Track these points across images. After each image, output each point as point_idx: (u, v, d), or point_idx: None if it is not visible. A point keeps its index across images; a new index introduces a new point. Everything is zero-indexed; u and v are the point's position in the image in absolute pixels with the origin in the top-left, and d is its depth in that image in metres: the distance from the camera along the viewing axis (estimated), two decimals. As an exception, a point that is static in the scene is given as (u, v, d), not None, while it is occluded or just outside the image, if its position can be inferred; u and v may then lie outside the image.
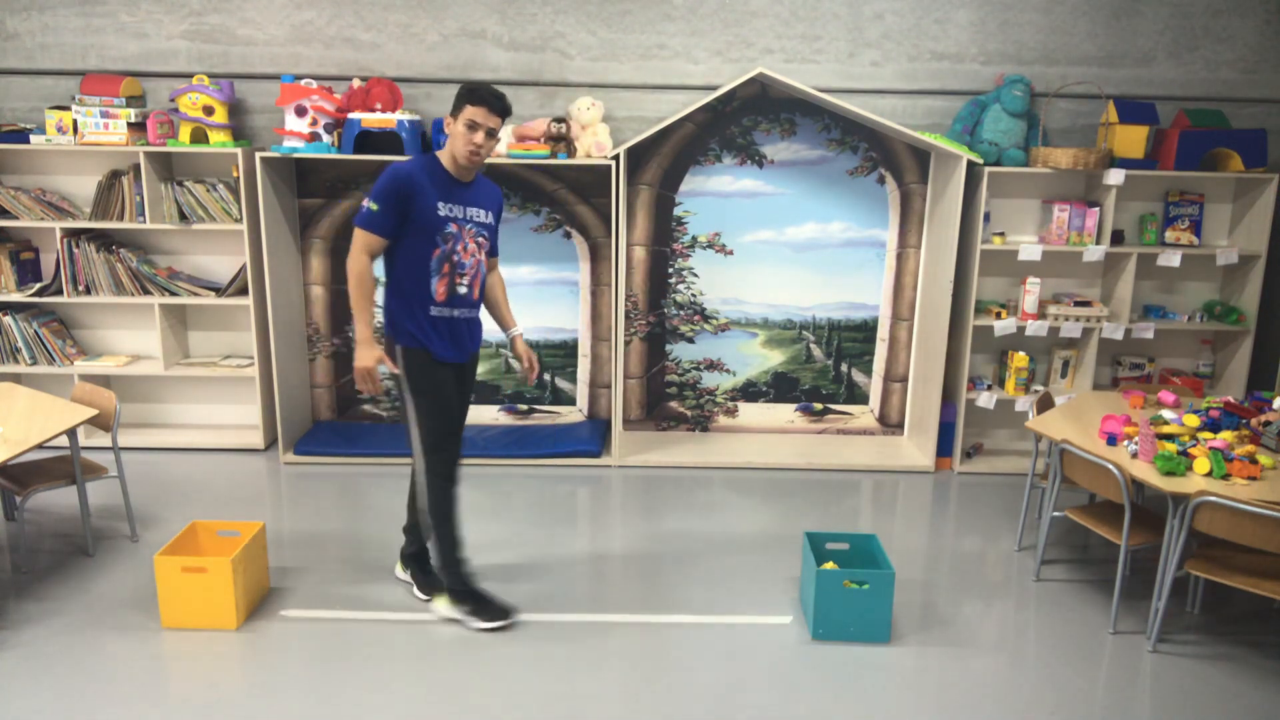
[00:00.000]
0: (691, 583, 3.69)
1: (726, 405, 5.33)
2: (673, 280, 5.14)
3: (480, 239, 3.23)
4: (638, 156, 4.94)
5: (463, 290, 3.21)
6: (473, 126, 3.06)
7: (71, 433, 3.68)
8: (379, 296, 4.44)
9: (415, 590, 3.55)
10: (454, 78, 4.87)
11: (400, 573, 3.67)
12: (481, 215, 3.23)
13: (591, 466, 4.91)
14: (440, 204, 3.11)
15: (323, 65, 4.85)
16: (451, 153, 3.13)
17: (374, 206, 3.05)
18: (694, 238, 5.08)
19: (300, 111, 4.48)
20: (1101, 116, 4.85)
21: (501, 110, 3.09)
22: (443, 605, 3.41)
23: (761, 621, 3.41)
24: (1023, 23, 4.83)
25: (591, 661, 3.15)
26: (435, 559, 3.36)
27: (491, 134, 3.09)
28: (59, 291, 4.87)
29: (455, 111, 3.10)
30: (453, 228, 3.13)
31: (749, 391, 5.31)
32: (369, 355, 3.13)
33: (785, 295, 5.17)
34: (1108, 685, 3.08)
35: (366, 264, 3.11)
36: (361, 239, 3.09)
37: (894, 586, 3.35)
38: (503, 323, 3.51)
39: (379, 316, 4.53)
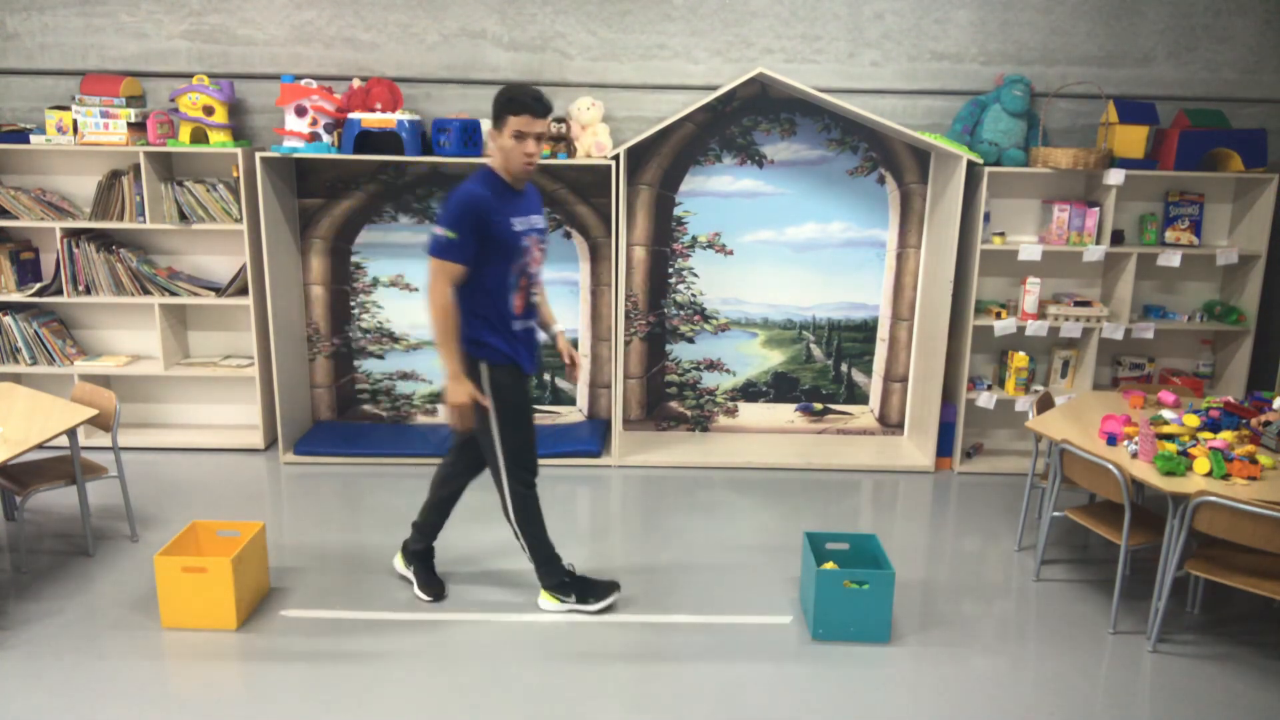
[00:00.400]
0: (691, 583, 3.69)
1: (726, 405, 5.33)
2: (673, 280, 5.13)
3: (542, 245, 3.23)
4: (638, 156, 4.94)
5: (535, 299, 3.24)
6: (521, 137, 3.00)
7: (71, 433, 3.68)
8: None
9: (416, 589, 3.56)
10: (454, 78, 4.87)
11: (401, 567, 3.66)
12: (539, 221, 3.22)
13: (591, 466, 4.90)
14: (513, 220, 3.07)
15: (323, 65, 4.85)
16: (505, 166, 3.07)
17: (451, 234, 2.97)
18: (694, 238, 5.08)
19: (300, 111, 4.48)
20: (1101, 116, 4.85)
21: (545, 111, 3.02)
22: (549, 602, 3.45)
23: (761, 621, 3.41)
24: (1023, 23, 4.83)
25: (592, 661, 3.15)
26: (532, 562, 3.41)
27: (540, 138, 3.03)
28: (59, 291, 4.87)
29: (498, 124, 3.03)
30: (526, 241, 3.11)
31: (749, 391, 5.31)
32: (463, 390, 3.07)
33: (785, 295, 5.17)
34: (1108, 685, 3.08)
35: (450, 295, 3.02)
36: (442, 270, 3.00)
37: (894, 586, 3.35)
38: (544, 321, 3.45)
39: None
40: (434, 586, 3.52)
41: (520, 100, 2.98)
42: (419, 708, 2.89)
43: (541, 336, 3.38)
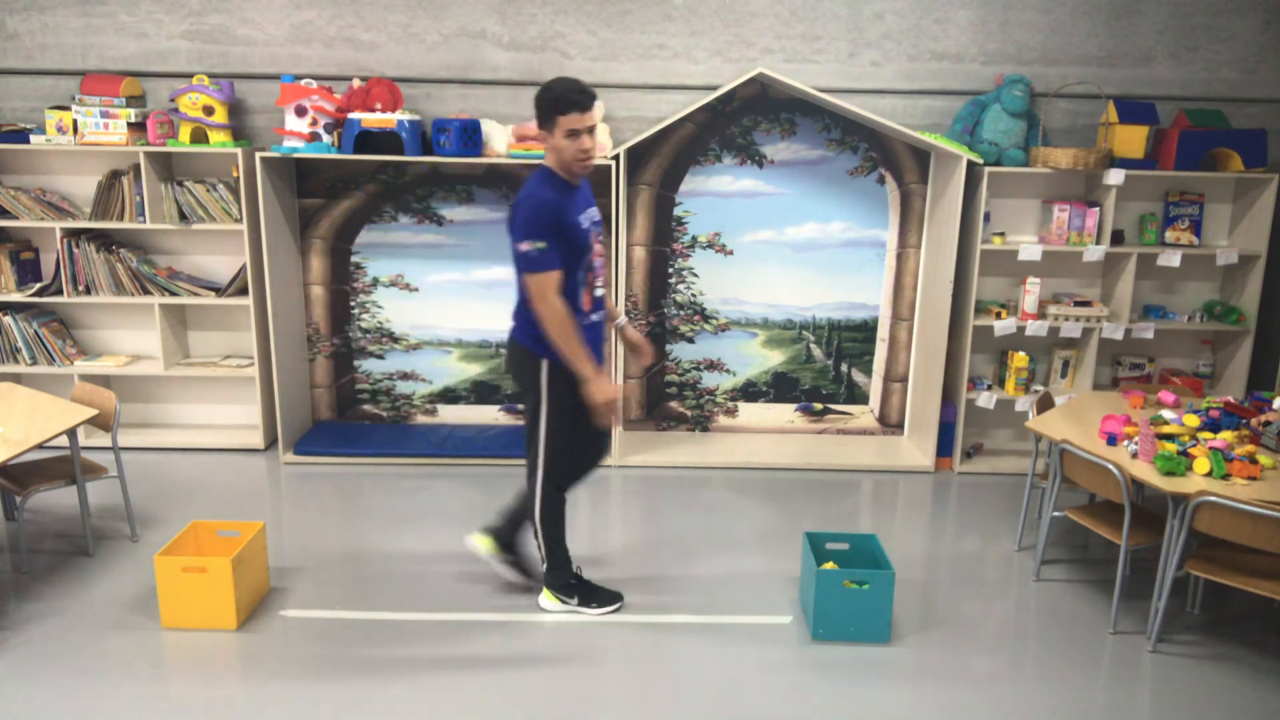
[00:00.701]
0: (691, 583, 3.69)
1: (726, 405, 5.33)
2: (673, 280, 5.13)
3: (601, 237, 3.22)
4: (637, 156, 4.94)
5: (600, 293, 3.21)
6: (574, 134, 2.95)
7: (71, 433, 3.68)
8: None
9: (502, 567, 3.55)
10: (454, 78, 4.87)
11: (480, 547, 3.56)
12: (596, 214, 3.20)
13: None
14: (579, 217, 3.06)
15: (323, 65, 4.85)
16: (561, 164, 3.04)
17: (541, 245, 2.93)
18: (694, 238, 5.08)
19: (300, 111, 4.48)
20: (1101, 116, 4.85)
21: (592, 101, 2.96)
22: (550, 601, 3.45)
23: (761, 621, 3.41)
24: (1023, 23, 4.83)
25: (591, 661, 3.15)
26: (544, 562, 3.40)
27: (593, 130, 2.99)
28: (59, 291, 4.87)
29: (545, 124, 2.98)
30: (593, 236, 3.11)
31: (749, 391, 5.31)
32: (609, 386, 3.03)
33: (785, 295, 5.17)
34: (1108, 685, 3.08)
35: (559, 303, 2.97)
36: (543, 281, 2.95)
37: (894, 586, 3.35)
38: (610, 313, 3.44)
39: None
40: (546, 581, 3.47)
41: (567, 98, 2.91)
42: (418, 708, 2.89)
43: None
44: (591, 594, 3.46)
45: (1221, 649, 3.31)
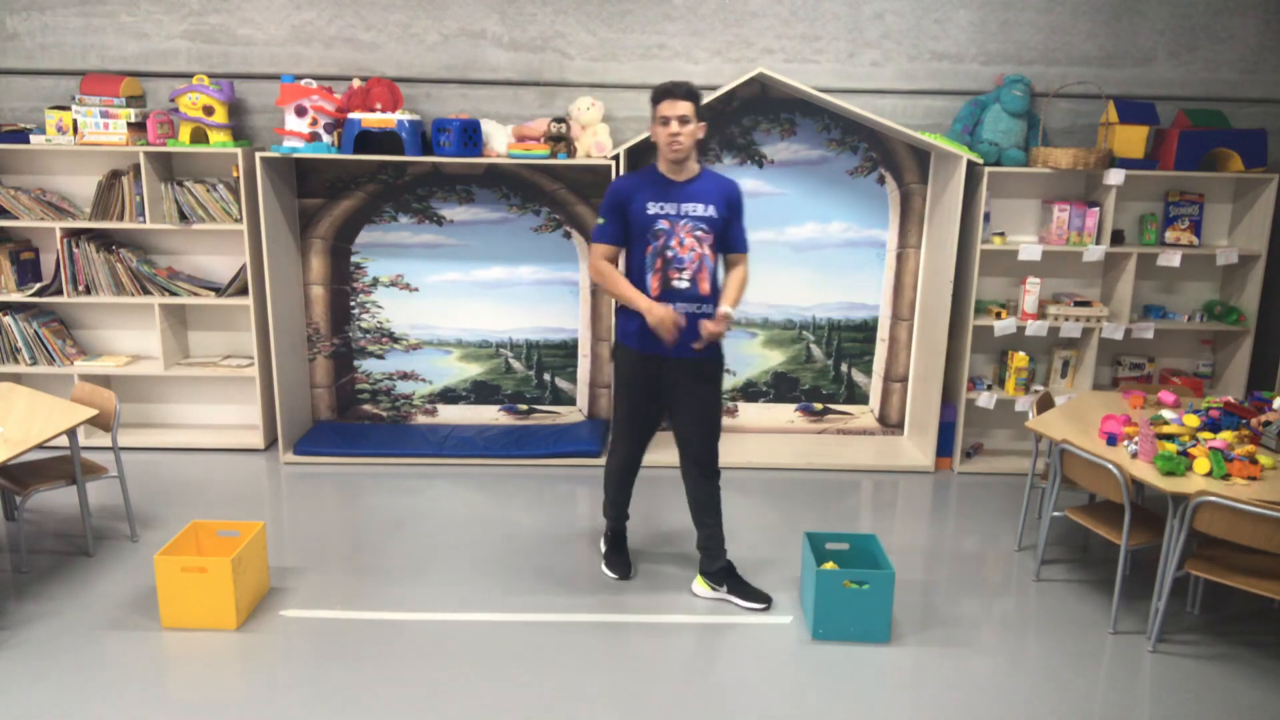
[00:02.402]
0: (691, 582, 3.69)
1: (726, 405, 5.32)
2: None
3: (699, 233, 3.29)
4: (638, 156, 4.93)
5: (681, 285, 3.29)
6: (665, 122, 3.21)
7: (71, 433, 3.68)
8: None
9: (738, 601, 3.51)
10: (454, 78, 4.87)
11: (702, 589, 3.59)
12: (699, 210, 3.30)
13: (592, 466, 4.90)
14: (650, 204, 3.27)
15: (323, 65, 4.85)
16: (660, 153, 3.30)
17: (600, 220, 3.33)
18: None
19: (300, 111, 4.48)
20: (1101, 116, 4.85)
21: (684, 94, 3.21)
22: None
23: (761, 621, 3.41)
24: (1023, 23, 4.83)
25: (591, 661, 3.15)
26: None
27: (684, 120, 3.20)
28: (59, 291, 4.87)
29: (652, 119, 3.27)
30: (663, 224, 3.27)
31: (749, 391, 5.31)
32: (659, 309, 3.18)
33: (785, 295, 5.17)
34: (1108, 685, 3.08)
35: (603, 265, 3.34)
36: (594, 250, 3.35)
37: (894, 586, 3.35)
38: (721, 302, 3.42)
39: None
40: (751, 593, 3.51)
41: (659, 89, 3.24)
42: (418, 708, 2.89)
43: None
44: (610, 557, 3.77)
45: (1221, 649, 3.31)
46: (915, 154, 4.97)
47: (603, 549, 3.85)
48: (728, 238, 3.37)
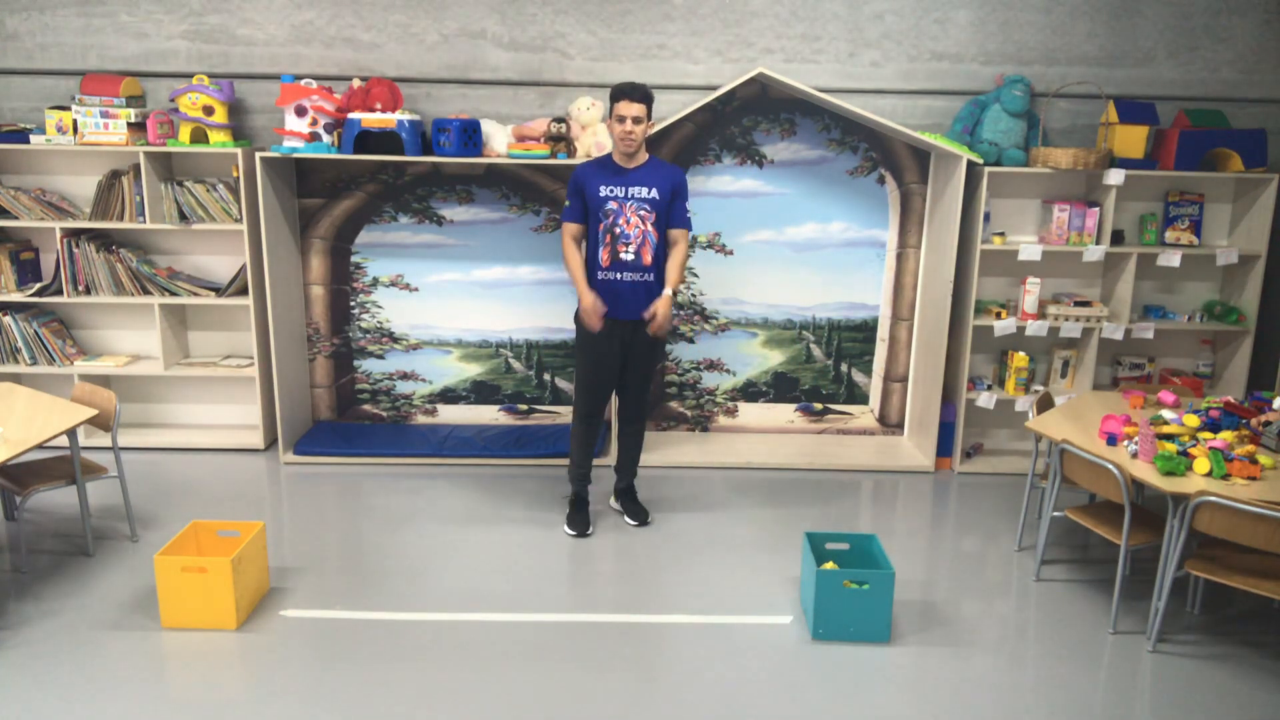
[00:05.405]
0: (691, 583, 3.69)
1: (726, 405, 5.33)
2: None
3: (643, 212, 3.82)
4: (638, 156, 4.93)
5: (627, 257, 3.82)
6: (621, 119, 3.72)
7: (71, 433, 3.68)
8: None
9: (625, 518, 4.24)
10: (454, 78, 4.87)
11: (613, 502, 4.38)
12: (643, 192, 3.82)
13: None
14: (603, 187, 3.81)
15: (323, 65, 4.85)
16: (614, 145, 3.83)
17: (567, 203, 3.90)
18: (694, 238, 5.07)
19: (300, 111, 4.48)
20: (1101, 116, 4.85)
21: (640, 97, 3.71)
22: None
23: (761, 621, 3.41)
24: (1023, 23, 4.83)
25: (592, 661, 3.15)
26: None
27: (637, 120, 3.71)
28: (59, 291, 4.86)
29: (609, 113, 3.79)
30: (613, 205, 3.80)
31: (749, 391, 5.31)
32: (587, 297, 3.80)
33: (785, 295, 5.17)
34: (1108, 685, 3.08)
35: (567, 243, 3.90)
36: (564, 230, 3.91)
37: (894, 586, 3.35)
38: (664, 279, 3.95)
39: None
40: (639, 514, 4.24)
41: (618, 89, 3.73)
42: (418, 708, 2.89)
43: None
44: (571, 516, 4.15)
45: (1221, 649, 3.31)
46: (915, 154, 4.97)
47: (566, 510, 4.23)
48: (670, 216, 3.88)
